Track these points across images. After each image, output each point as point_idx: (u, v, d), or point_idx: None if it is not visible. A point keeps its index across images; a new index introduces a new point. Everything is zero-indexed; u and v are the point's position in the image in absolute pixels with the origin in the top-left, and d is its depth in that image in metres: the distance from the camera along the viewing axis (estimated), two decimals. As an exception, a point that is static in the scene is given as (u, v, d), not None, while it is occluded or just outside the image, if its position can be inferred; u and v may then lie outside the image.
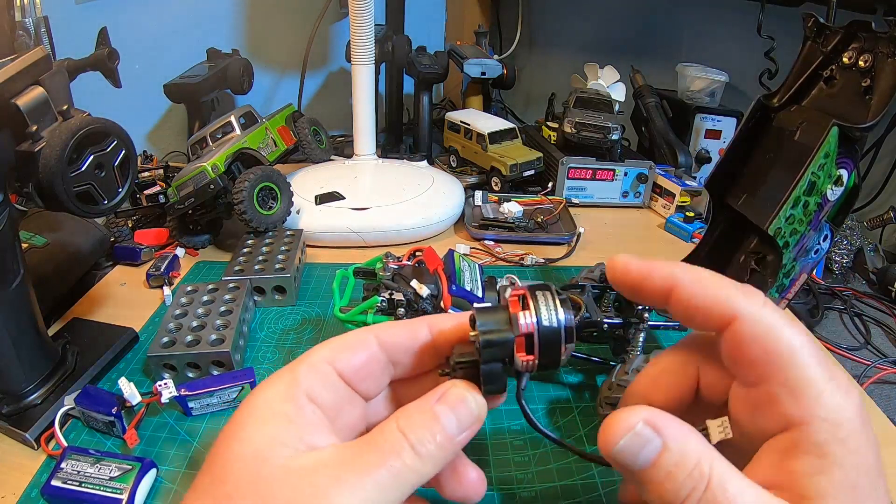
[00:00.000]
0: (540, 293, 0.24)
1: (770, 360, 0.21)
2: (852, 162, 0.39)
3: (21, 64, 0.37)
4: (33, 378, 0.42)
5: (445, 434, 0.22)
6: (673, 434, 0.21)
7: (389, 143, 1.05)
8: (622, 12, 1.18)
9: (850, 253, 0.73)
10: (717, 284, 0.23)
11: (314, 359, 0.25)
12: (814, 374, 0.20)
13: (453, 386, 0.24)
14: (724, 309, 0.22)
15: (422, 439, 0.22)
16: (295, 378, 0.24)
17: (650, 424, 0.21)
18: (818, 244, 0.42)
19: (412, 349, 0.26)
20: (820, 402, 0.20)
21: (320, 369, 0.25)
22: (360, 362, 0.25)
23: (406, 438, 0.22)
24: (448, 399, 0.23)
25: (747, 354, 0.22)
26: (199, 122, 0.90)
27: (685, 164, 0.88)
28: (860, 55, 0.39)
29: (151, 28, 0.97)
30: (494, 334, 0.23)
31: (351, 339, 0.26)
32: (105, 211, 0.42)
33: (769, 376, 0.21)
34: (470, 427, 0.23)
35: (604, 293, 0.49)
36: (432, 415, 0.23)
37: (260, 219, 0.63)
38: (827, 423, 0.20)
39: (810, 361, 0.21)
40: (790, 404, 0.20)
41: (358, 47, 0.79)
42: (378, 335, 0.26)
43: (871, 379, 0.53)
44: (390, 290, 0.43)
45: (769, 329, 0.21)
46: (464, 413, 0.23)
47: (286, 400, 0.23)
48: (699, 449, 0.21)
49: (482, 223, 0.74)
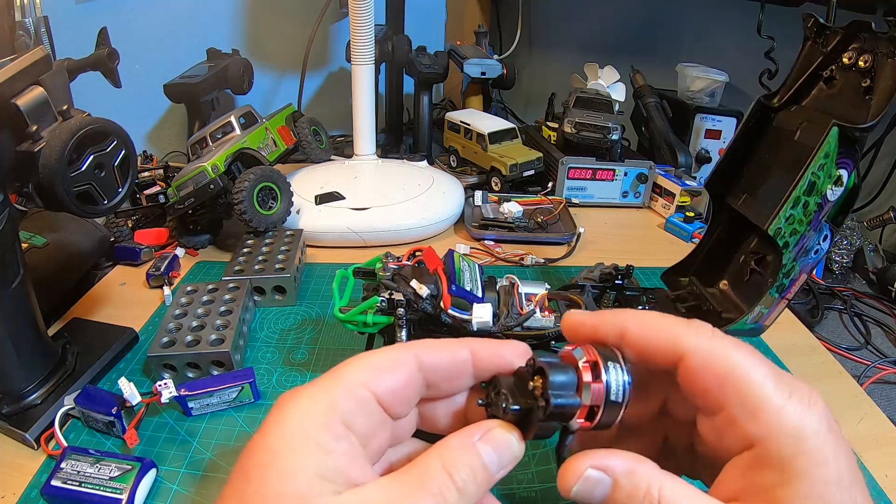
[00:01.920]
0: (612, 366, 0.24)
1: (724, 386, 0.22)
2: (852, 162, 0.39)
3: (21, 64, 0.37)
4: (33, 378, 0.42)
5: (487, 474, 0.22)
6: (621, 470, 0.22)
7: (389, 143, 1.05)
8: (622, 12, 1.18)
9: (850, 253, 0.73)
10: (663, 325, 0.24)
11: (351, 382, 0.23)
12: (770, 392, 0.22)
13: (498, 426, 0.23)
14: (673, 347, 0.23)
15: (465, 480, 0.22)
16: (332, 404, 0.22)
17: (598, 468, 0.22)
18: (818, 244, 0.42)
19: (450, 372, 0.26)
20: (780, 417, 0.21)
21: (358, 394, 0.23)
22: (399, 386, 0.24)
23: (451, 479, 0.21)
24: (491, 439, 0.23)
25: (701, 385, 0.23)
26: (199, 122, 0.90)
27: (685, 164, 0.88)
28: (860, 55, 0.39)
29: (151, 28, 0.97)
30: (564, 397, 0.23)
31: (390, 359, 0.25)
32: (105, 211, 0.42)
33: (726, 401, 0.22)
34: (508, 467, 0.23)
35: (604, 293, 0.49)
36: (475, 453, 0.22)
37: (260, 219, 0.63)
38: (790, 438, 0.21)
39: (764, 381, 0.22)
40: (750, 424, 0.21)
41: (358, 47, 0.79)
42: (419, 356, 0.25)
43: (871, 379, 0.53)
44: (390, 290, 0.43)
45: (718, 358, 0.23)
46: (506, 455, 0.23)
47: (323, 428, 0.22)
48: (648, 475, 0.22)
49: (482, 223, 0.74)
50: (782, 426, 0.21)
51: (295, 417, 0.22)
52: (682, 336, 0.23)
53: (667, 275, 0.52)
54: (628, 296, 0.48)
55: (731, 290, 0.48)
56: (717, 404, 0.23)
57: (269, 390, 0.46)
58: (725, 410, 0.22)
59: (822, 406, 0.22)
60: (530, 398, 0.24)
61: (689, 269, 0.51)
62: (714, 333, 0.23)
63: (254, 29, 1.07)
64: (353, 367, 0.24)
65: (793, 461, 0.20)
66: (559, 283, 0.60)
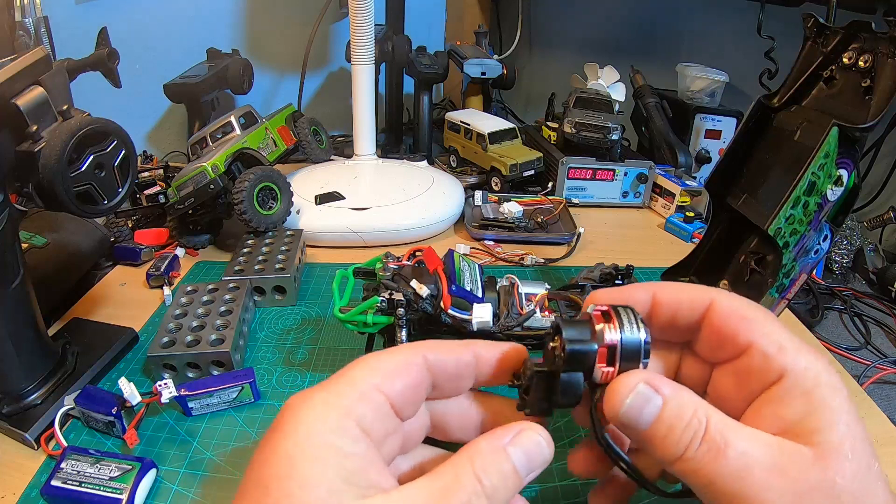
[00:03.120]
0: (622, 310, 0.25)
1: (751, 326, 0.24)
2: (852, 162, 0.39)
3: (21, 64, 0.37)
4: (33, 378, 0.42)
5: (518, 478, 0.22)
6: (670, 391, 0.23)
7: (389, 143, 1.05)
8: (622, 12, 1.18)
9: (850, 253, 0.73)
10: (689, 287, 0.27)
11: (364, 386, 0.23)
12: (787, 335, 0.24)
13: (528, 428, 0.23)
14: (702, 298, 0.26)
15: (496, 485, 0.21)
16: (348, 408, 0.22)
17: (649, 384, 0.23)
18: (818, 244, 0.42)
19: (454, 374, 0.26)
20: (799, 355, 0.23)
21: (372, 398, 0.23)
22: (410, 389, 0.24)
23: (481, 483, 0.21)
24: (522, 442, 0.23)
25: (728, 326, 0.25)
26: (199, 122, 0.90)
27: (685, 164, 0.88)
28: (860, 55, 0.39)
29: (151, 28, 0.97)
30: (579, 343, 0.24)
31: (400, 362, 0.25)
32: (105, 211, 0.42)
33: (752, 340, 0.24)
34: (538, 470, 0.23)
35: (604, 293, 0.49)
36: (506, 457, 0.22)
37: (260, 219, 0.63)
38: (810, 371, 0.23)
39: (781, 327, 0.24)
40: (777, 356, 0.23)
41: (358, 47, 0.79)
42: (427, 357, 0.25)
43: (871, 379, 0.53)
44: (390, 290, 0.43)
45: (742, 305, 0.25)
46: (537, 458, 0.23)
47: (341, 432, 0.21)
48: (694, 401, 0.23)
49: (482, 223, 0.74)
50: (802, 361, 0.23)
51: (310, 423, 0.21)
52: (709, 290, 0.26)
53: (667, 275, 0.52)
54: (628, 296, 0.48)
55: (731, 290, 0.48)
56: (743, 343, 0.24)
57: (269, 390, 0.46)
58: (751, 349, 0.24)
59: (828, 359, 0.25)
60: (551, 358, 0.25)
61: (689, 269, 0.51)
62: (728, 293, 0.26)
63: (254, 29, 1.07)
64: (365, 369, 0.24)
65: (814, 392, 0.22)
66: (559, 283, 0.60)
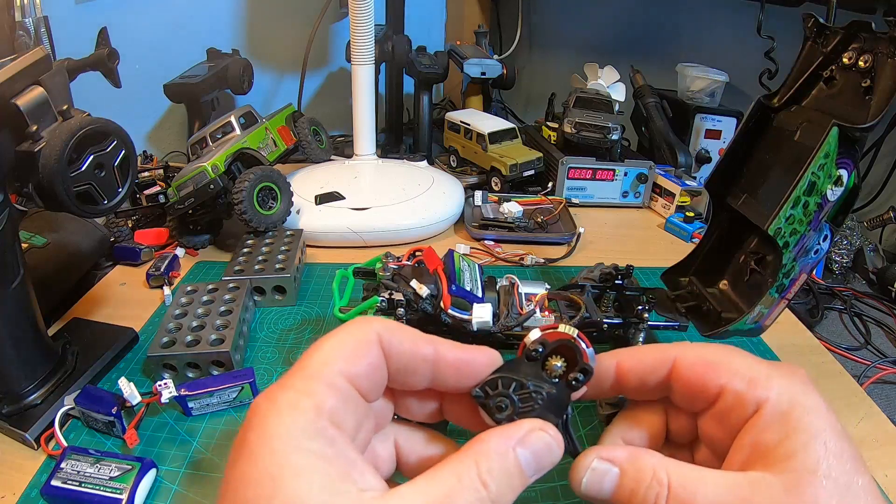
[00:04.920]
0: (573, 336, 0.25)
1: (717, 371, 0.24)
2: (852, 162, 0.39)
3: (21, 64, 0.37)
4: (33, 378, 0.42)
5: (524, 480, 0.22)
6: (624, 458, 0.23)
7: (389, 143, 1.05)
8: (622, 12, 1.18)
9: (850, 253, 0.73)
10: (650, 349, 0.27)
11: (329, 375, 0.21)
12: (756, 367, 0.24)
13: (539, 429, 0.22)
14: (665, 359, 0.25)
15: (502, 490, 0.21)
16: (318, 406, 0.20)
17: (603, 458, 0.23)
18: (818, 244, 0.42)
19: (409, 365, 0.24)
20: (770, 382, 0.23)
21: (340, 387, 0.21)
22: (375, 367, 0.23)
23: (487, 488, 0.20)
24: (531, 443, 0.22)
25: (696, 378, 0.24)
26: (199, 122, 0.90)
27: (685, 164, 0.88)
28: (860, 55, 0.39)
29: (151, 28, 0.97)
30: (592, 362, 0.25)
31: (358, 340, 0.23)
32: (105, 211, 0.42)
33: (722, 384, 0.24)
34: (545, 471, 0.23)
35: (604, 293, 0.49)
36: (514, 460, 0.21)
37: (260, 219, 0.63)
38: (784, 395, 0.23)
39: (748, 361, 0.24)
40: (749, 392, 0.23)
41: (358, 47, 0.79)
42: (380, 334, 0.23)
43: (871, 379, 0.53)
44: (390, 290, 0.43)
45: (704, 351, 0.25)
46: (545, 459, 0.22)
47: (315, 437, 0.19)
48: (652, 462, 0.23)
49: (482, 223, 0.74)
50: (774, 387, 0.23)
51: (283, 431, 0.19)
52: (670, 347, 0.26)
53: (667, 275, 0.52)
54: (628, 296, 0.48)
55: (731, 290, 0.48)
56: (715, 389, 0.24)
57: (269, 390, 0.46)
58: (724, 391, 0.24)
59: (802, 374, 0.24)
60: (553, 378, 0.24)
61: (689, 269, 0.51)
62: (689, 343, 0.26)
63: (254, 29, 1.07)
64: (325, 355, 0.22)
65: (790, 415, 0.22)
66: (559, 283, 0.60)
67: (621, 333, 0.46)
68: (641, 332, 0.45)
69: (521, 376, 0.24)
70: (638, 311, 0.45)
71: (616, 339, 0.47)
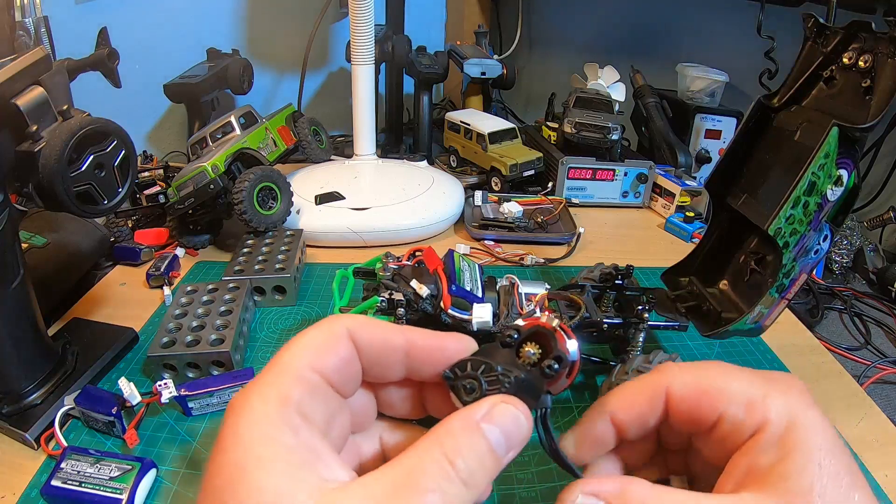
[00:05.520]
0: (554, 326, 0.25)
1: (712, 399, 0.23)
2: (852, 162, 0.39)
3: (21, 64, 0.37)
4: (33, 378, 0.42)
5: (496, 458, 0.20)
6: (611, 491, 0.22)
7: (389, 143, 1.05)
8: (622, 12, 1.18)
9: (850, 253, 0.73)
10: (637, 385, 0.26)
11: (298, 368, 0.21)
12: (751, 387, 0.23)
13: (503, 402, 0.21)
14: (657, 393, 0.25)
15: (472, 468, 0.19)
16: (284, 397, 0.20)
17: (590, 493, 0.22)
18: (818, 244, 0.42)
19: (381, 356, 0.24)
20: (767, 402, 0.22)
21: (309, 380, 0.21)
22: (343, 362, 0.23)
23: (454, 466, 0.19)
24: (497, 418, 0.21)
25: (692, 408, 0.24)
26: (199, 122, 0.90)
27: (685, 164, 0.88)
28: (860, 55, 0.39)
29: (151, 28, 0.97)
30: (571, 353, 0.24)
31: (329, 335, 0.23)
32: (105, 211, 0.42)
33: (720, 411, 0.23)
34: (518, 448, 0.21)
35: (604, 293, 0.49)
36: (481, 436, 0.20)
37: (260, 219, 0.63)
38: (781, 416, 0.22)
39: (743, 380, 0.24)
40: (749, 417, 0.22)
41: (358, 47, 0.79)
42: (349, 328, 0.23)
43: (871, 379, 0.53)
44: (390, 290, 0.43)
45: (695, 375, 0.24)
46: (515, 434, 0.21)
47: (281, 427, 0.20)
48: (641, 492, 0.22)
49: (482, 223, 0.74)
50: (771, 408, 0.22)
51: (251, 423, 0.20)
52: (656, 382, 0.25)
53: (667, 275, 0.52)
54: (628, 296, 0.48)
55: (731, 290, 0.48)
56: (712, 418, 0.23)
57: (269, 390, 0.46)
58: (722, 418, 0.23)
59: (799, 388, 0.23)
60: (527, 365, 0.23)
61: (689, 269, 0.51)
62: (680, 367, 0.25)
63: (254, 29, 1.07)
64: (295, 350, 0.22)
65: (787, 436, 0.22)
66: (559, 283, 0.60)
67: (621, 333, 0.46)
68: (641, 332, 0.45)
69: (492, 360, 0.23)
70: (638, 311, 0.45)
71: (616, 339, 0.47)
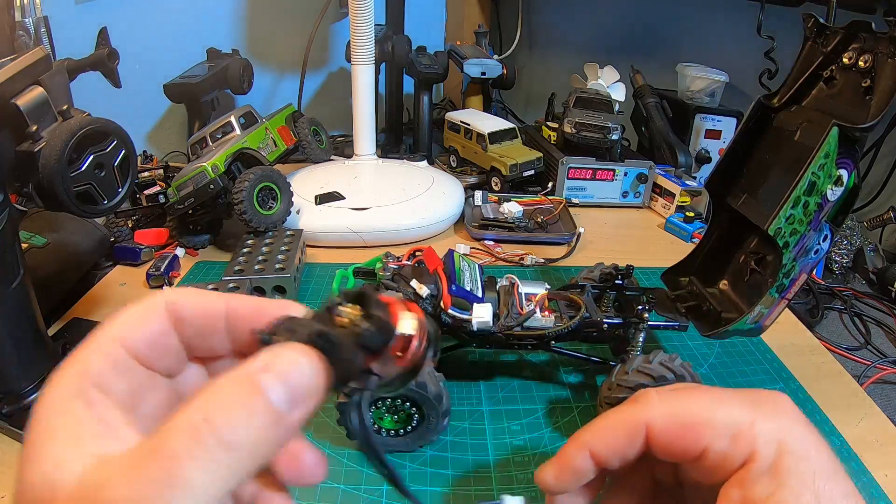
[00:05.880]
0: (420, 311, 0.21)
1: (696, 433, 0.23)
2: (852, 162, 0.39)
3: (21, 64, 0.37)
4: (33, 378, 0.42)
5: (271, 413, 0.17)
6: None
7: (389, 143, 1.05)
8: (622, 12, 1.18)
9: (850, 253, 0.73)
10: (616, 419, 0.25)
11: (103, 342, 0.21)
12: (738, 415, 0.23)
13: (284, 348, 0.18)
14: (636, 428, 0.24)
15: (236, 427, 0.16)
16: (83, 370, 0.20)
17: None
18: (818, 244, 0.42)
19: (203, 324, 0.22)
20: (754, 429, 0.22)
21: (109, 352, 0.20)
22: (154, 336, 0.21)
23: (211, 426, 0.16)
24: (277, 366, 0.18)
25: (675, 441, 0.23)
26: (199, 122, 0.90)
27: (685, 164, 0.88)
28: (860, 55, 0.39)
29: (151, 28, 0.97)
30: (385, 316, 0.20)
31: (140, 309, 0.21)
32: (105, 211, 0.42)
33: (705, 444, 0.23)
34: (306, 401, 0.18)
35: (604, 293, 0.49)
36: (251, 388, 0.17)
37: (260, 219, 0.63)
38: (771, 444, 0.22)
39: (728, 408, 0.23)
40: (735, 449, 0.22)
41: (358, 47, 0.79)
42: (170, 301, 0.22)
43: (871, 379, 0.53)
44: (390, 290, 0.43)
45: (676, 408, 0.24)
46: (299, 385, 0.18)
47: (74, 397, 0.19)
48: None
49: (482, 223, 0.74)
50: (759, 435, 0.22)
51: (51, 396, 0.19)
52: (635, 415, 0.24)
53: (667, 275, 0.52)
54: (628, 296, 0.48)
55: (731, 290, 0.48)
56: (696, 449, 0.23)
57: (269, 390, 0.46)
58: (708, 451, 0.23)
59: (789, 408, 0.23)
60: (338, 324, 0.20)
61: (689, 269, 0.51)
62: (659, 396, 0.24)
63: (254, 29, 1.07)
64: (106, 326, 0.21)
65: (779, 463, 0.21)
66: (559, 283, 0.60)
67: (621, 333, 0.46)
68: (641, 332, 0.45)
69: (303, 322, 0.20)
70: (638, 311, 0.45)
71: (616, 338, 0.47)
